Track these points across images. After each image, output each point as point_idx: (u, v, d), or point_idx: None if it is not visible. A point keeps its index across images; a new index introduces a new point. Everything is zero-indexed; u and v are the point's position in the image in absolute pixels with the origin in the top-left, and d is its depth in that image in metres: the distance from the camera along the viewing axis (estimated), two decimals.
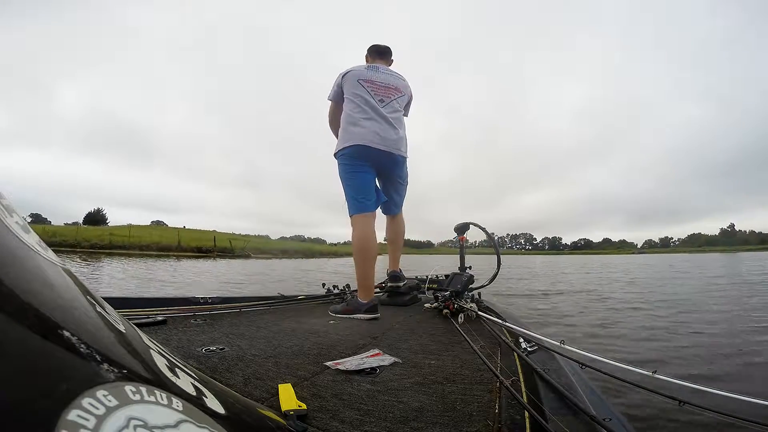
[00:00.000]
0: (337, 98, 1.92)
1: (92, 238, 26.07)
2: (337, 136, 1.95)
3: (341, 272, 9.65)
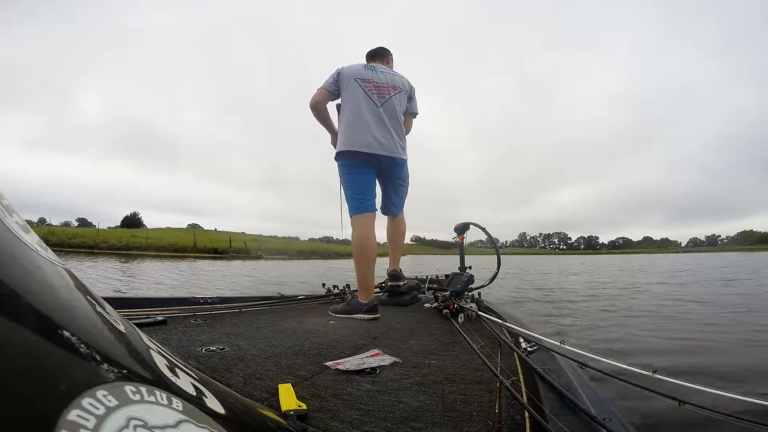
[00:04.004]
0: (330, 88, 1.90)
1: (110, 239, 26.22)
2: (319, 121, 1.98)
3: (315, 275, 8.11)
